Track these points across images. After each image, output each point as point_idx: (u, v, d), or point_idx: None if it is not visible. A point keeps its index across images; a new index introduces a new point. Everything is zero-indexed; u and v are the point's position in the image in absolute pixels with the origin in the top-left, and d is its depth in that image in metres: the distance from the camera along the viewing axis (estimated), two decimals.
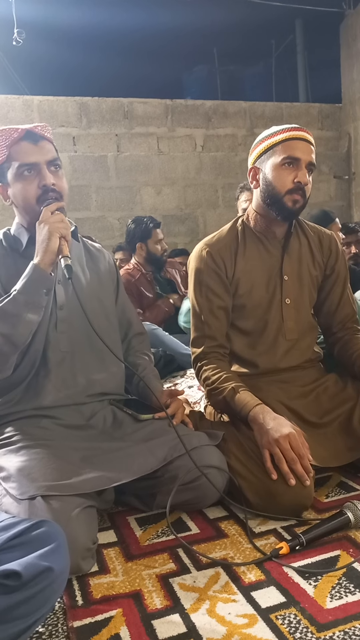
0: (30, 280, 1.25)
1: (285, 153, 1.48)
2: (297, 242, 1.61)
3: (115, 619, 0.98)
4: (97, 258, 1.53)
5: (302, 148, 1.48)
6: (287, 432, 1.29)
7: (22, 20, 4.33)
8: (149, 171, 5.15)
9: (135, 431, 1.38)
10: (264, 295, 1.57)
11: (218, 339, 1.56)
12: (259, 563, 1.11)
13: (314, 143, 1.53)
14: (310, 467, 1.28)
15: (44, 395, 1.36)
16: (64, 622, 0.99)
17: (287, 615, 0.95)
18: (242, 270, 1.56)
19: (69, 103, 4.91)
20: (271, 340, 1.57)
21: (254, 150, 1.58)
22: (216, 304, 1.55)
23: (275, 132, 1.53)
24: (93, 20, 5.63)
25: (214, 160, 5.31)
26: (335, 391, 1.56)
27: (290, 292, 1.58)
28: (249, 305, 1.56)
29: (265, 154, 1.53)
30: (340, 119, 5.81)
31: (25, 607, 0.84)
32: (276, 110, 5.58)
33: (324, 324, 1.68)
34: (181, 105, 5.27)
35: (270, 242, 1.59)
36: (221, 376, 1.48)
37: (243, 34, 6.40)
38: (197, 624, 0.95)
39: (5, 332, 1.23)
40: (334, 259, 1.64)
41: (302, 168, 1.48)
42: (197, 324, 1.58)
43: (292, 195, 1.48)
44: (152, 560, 1.16)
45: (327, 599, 0.98)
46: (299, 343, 1.60)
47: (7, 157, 1.33)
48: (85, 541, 1.11)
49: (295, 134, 1.50)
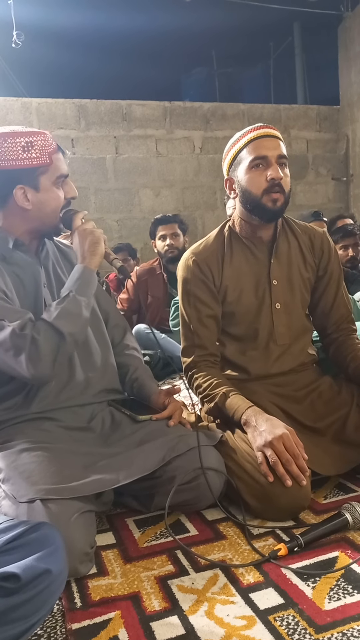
0: (84, 281, 1.32)
1: (251, 155, 1.45)
2: (286, 244, 1.58)
3: (113, 621, 0.98)
4: (69, 255, 1.52)
5: (266, 145, 1.45)
6: (280, 433, 1.29)
7: (20, 22, 4.33)
8: (147, 173, 5.16)
9: (133, 432, 1.38)
10: (253, 301, 1.55)
11: (208, 347, 1.55)
12: (257, 565, 1.11)
13: (279, 136, 1.50)
14: (305, 467, 1.28)
15: (45, 398, 1.36)
16: (62, 624, 0.99)
17: (286, 617, 0.95)
18: (230, 277, 1.54)
19: (68, 105, 4.91)
20: (263, 346, 1.56)
21: (224, 162, 1.56)
22: (205, 313, 1.53)
23: (238, 137, 1.51)
24: (92, 23, 5.64)
25: (213, 162, 5.32)
26: (330, 396, 1.54)
27: (280, 297, 1.55)
28: (238, 312, 1.55)
29: (234, 162, 1.51)
30: (339, 121, 5.82)
31: (24, 609, 0.84)
32: (274, 113, 5.60)
33: (319, 325, 1.66)
34: (179, 107, 5.28)
35: (257, 246, 1.56)
36: (212, 383, 1.48)
37: (241, 37, 6.41)
38: (195, 625, 0.95)
39: (72, 331, 1.27)
40: (327, 259, 1.60)
41: (272, 164, 1.44)
42: (186, 333, 1.57)
43: (269, 195, 1.45)
44: (150, 562, 1.16)
45: (325, 601, 0.98)
46: (291, 348, 1.58)
47: (48, 164, 1.31)
48: (83, 546, 1.11)
49: (257, 132, 1.47)
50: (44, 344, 1.22)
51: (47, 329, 1.24)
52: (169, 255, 3.13)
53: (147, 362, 2.55)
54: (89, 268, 1.34)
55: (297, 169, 5.58)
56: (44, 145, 1.30)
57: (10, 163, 1.28)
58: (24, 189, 1.31)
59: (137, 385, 1.53)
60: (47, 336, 1.23)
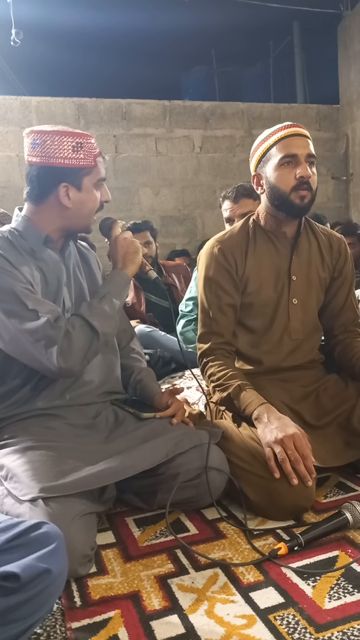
0: (121, 286, 1.38)
1: (281, 152, 1.48)
2: (307, 243, 1.62)
3: (113, 620, 0.98)
4: (87, 259, 1.54)
5: (297, 143, 1.48)
6: (291, 432, 1.30)
7: (19, 20, 4.32)
8: (147, 172, 5.15)
9: (137, 429, 1.38)
10: (271, 294, 1.57)
11: (225, 335, 1.57)
12: (257, 564, 1.11)
13: (308, 135, 1.53)
14: (313, 469, 1.28)
15: (50, 394, 1.37)
16: (62, 623, 0.99)
17: (286, 616, 0.95)
18: (252, 268, 1.57)
19: (67, 104, 4.91)
20: (276, 340, 1.58)
21: (252, 158, 1.59)
22: (225, 301, 1.55)
23: (267, 135, 1.53)
24: (91, 21, 5.63)
25: (212, 161, 5.31)
26: (335, 391, 1.57)
27: (298, 293, 1.58)
28: (256, 303, 1.57)
29: (262, 159, 1.53)
30: (338, 120, 5.82)
31: (24, 609, 0.84)
32: (274, 112, 5.59)
33: (326, 325, 1.69)
34: (179, 106, 5.27)
35: (280, 241, 1.59)
36: (227, 373, 1.49)
37: (241, 36, 6.40)
38: (195, 624, 0.95)
39: (106, 331, 1.31)
40: (343, 262, 1.65)
41: (301, 162, 1.47)
42: (205, 319, 1.59)
43: (297, 192, 1.48)
44: (150, 561, 1.16)
45: (325, 600, 0.98)
46: (303, 344, 1.61)
47: (93, 166, 1.35)
48: (83, 548, 1.10)
49: (288, 131, 1.50)
50: (78, 338, 1.25)
51: (83, 324, 1.28)
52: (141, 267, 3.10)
53: (147, 361, 2.55)
54: (125, 274, 1.39)
55: None
56: (91, 147, 1.34)
57: (59, 161, 1.31)
58: (67, 187, 1.33)
59: (140, 387, 1.54)
60: (82, 331, 1.27)
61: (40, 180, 1.33)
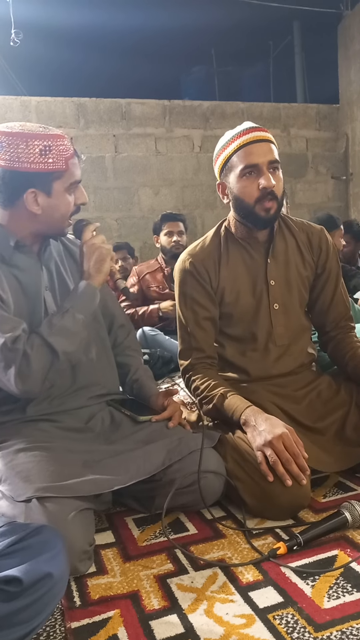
0: (86, 299, 1.29)
1: (242, 163, 1.42)
2: (283, 243, 1.57)
3: (113, 619, 0.98)
4: (75, 253, 1.47)
5: (257, 151, 1.41)
6: (279, 432, 1.28)
7: (19, 20, 4.32)
8: (146, 172, 5.15)
9: (133, 433, 1.37)
10: (250, 302, 1.54)
11: (205, 350, 1.54)
12: (256, 563, 1.11)
13: (271, 138, 1.46)
14: (306, 466, 1.27)
15: (40, 403, 1.35)
16: (61, 623, 0.99)
17: (285, 615, 0.95)
18: (227, 278, 1.53)
19: (67, 104, 4.91)
20: (262, 347, 1.55)
21: (214, 165, 1.54)
22: (201, 315, 1.52)
23: (227, 142, 1.47)
24: (91, 21, 5.63)
25: (212, 161, 5.30)
26: (328, 395, 1.54)
27: (278, 297, 1.54)
28: (236, 313, 1.54)
29: (225, 168, 1.48)
30: (338, 119, 5.82)
31: (26, 613, 0.84)
32: (274, 111, 5.59)
33: (317, 322, 1.65)
34: (179, 106, 5.28)
35: (253, 247, 1.55)
36: (210, 384, 1.47)
37: (241, 35, 6.40)
38: (194, 624, 0.95)
39: (67, 350, 1.24)
40: (325, 257, 1.58)
41: (263, 172, 1.41)
42: (183, 335, 1.56)
43: (262, 204, 1.43)
44: (149, 561, 1.16)
45: (324, 599, 0.98)
46: (290, 348, 1.57)
47: (64, 170, 1.27)
48: (82, 544, 1.11)
49: (247, 137, 1.43)
50: (36, 360, 1.19)
51: (41, 345, 1.20)
52: (174, 251, 3.18)
53: (147, 360, 2.56)
54: (92, 285, 1.31)
55: (297, 168, 5.57)
56: (61, 150, 1.26)
57: (25, 165, 1.23)
58: (35, 193, 1.26)
59: (137, 386, 1.52)
60: (40, 352, 1.20)
61: (7, 184, 1.25)
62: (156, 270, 3.26)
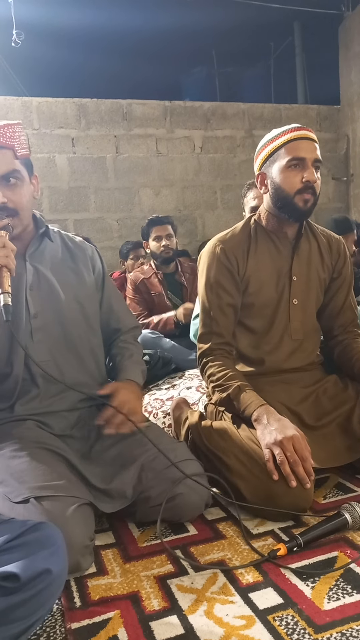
0: None
1: (289, 155, 1.48)
2: (307, 244, 1.62)
3: (113, 620, 0.98)
4: (76, 256, 1.46)
5: (305, 147, 1.49)
6: (291, 434, 1.30)
7: (20, 21, 4.32)
8: (147, 172, 5.15)
9: (113, 444, 1.34)
10: (272, 294, 1.57)
11: (225, 336, 1.57)
12: (256, 564, 1.11)
13: (317, 140, 1.54)
14: (311, 471, 1.28)
15: (36, 401, 1.35)
16: (61, 623, 0.99)
17: (285, 617, 0.95)
18: (253, 268, 1.57)
19: (68, 104, 4.91)
20: (277, 340, 1.58)
21: (258, 156, 1.59)
22: (225, 301, 1.55)
23: (276, 135, 1.53)
24: (92, 22, 5.63)
25: (213, 161, 5.31)
26: (335, 392, 1.57)
27: (298, 293, 1.59)
28: (257, 303, 1.57)
29: (269, 159, 1.53)
30: (339, 120, 5.82)
31: (24, 608, 0.84)
32: (274, 112, 5.59)
33: (326, 326, 1.69)
34: (180, 106, 5.27)
35: (281, 241, 1.59)
36: (227, 374, 1.49)
37: (242, 36, 6.40)
38: (194, 625, 0.95)
39: None
40: (342, 263, 1.66)
41: (308, 167, 1.48)
42: (205, 319, 1.59)
43: (302, 195, 1.48)
44: (150, 562, 1.16)
45: (324, 601, 0.98)
46: (304, 344, 1.61)
47: None
48: (83, 539, 1.11)
49: (297, 134, 1.50)
50: None
51: None
52: (164, 256, 3.10)
53: (147, 361, 2.55)
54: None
55: None
56: None
57: None
58: None
59: (116, 361, 1.49)
60: None
61: None
62: (152, 276, 3.21)
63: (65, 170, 4.87)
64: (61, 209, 4.87)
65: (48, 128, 4.81)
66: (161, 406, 2.25)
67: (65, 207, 4.89)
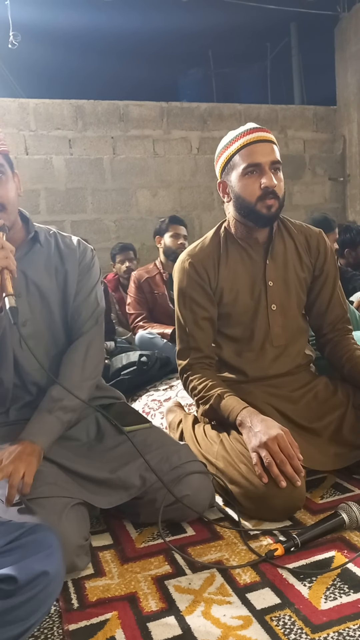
0: None
1: (244, 162, 1.43)
2: (282, 245, 1.57)
3: (110, 621, 0.98)
4: (66, 258, 1.39)
5: (260, 151, 1.43)
6: (274, 433, 1.28)
7: (17, 22, 4.32)
8: (144, 173, 5.16)
9: (115, 446, 1.34)
10: (248, 302, 1.54)
11: (203, 350, 1.54)
12: (253, 565, 1.12)
13: (273, 139, 1.47)
14: (300, 467, 1.27)
15: (26, 410, 1.33)
16: (59, 625, 0.99)
17: (282, 617, 0.95)
18: (226, 278, 1.53)
19: (65, 106, 4.91)
20: (259, 348, 1.55)
21: (216, 164, 1.55)
22: (200, 315, 1.52)
23: (230, 141, 1.48)
24: (89, 24, 5.63)
25: (210, 162, 5.32)
26: (325, 396, 1.54)
27: (276, 298, 1.54)
28: (234, 313, 1.54)
29: (226, 167, 1.49)
30: (335, 121, 5.83)
31: (21, 611, 0.84)
32: (271, 113, 5.60)
33: (315, 325, 1.65)
34: (177, 107, 5.28)
35: (252, 247, 1.55)
36: (207, 384, 1.48)
37: (238, 37, 6.41)
38: (192, 626, 0.95)
39: None
40: (323, 259, 1.59)
41: (266, 171, 1.42)
42: (182, 335, 1.56)
43: (263, 202, 1.43)
44: (147, 563, 1.16)
45: (321, 600, 0.99)
46: (288, 349, 1.57)
47: None
48: (77, 539, 1.11)
49: (250, 137, 1.44)
50: None
51: None
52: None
53: (145, 362, 2.56)
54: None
55: (294, 169, 5.58)
56: None
57: None
58: None
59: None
60: None
61: None
62: (156, 275, 3.27)
63: (63, 172, 4.87)
64: (58, 210, 4.87)
65: (45, 129, 4.81)
66: (159, 407, 2.25)
67: (63, 209, 4.89)
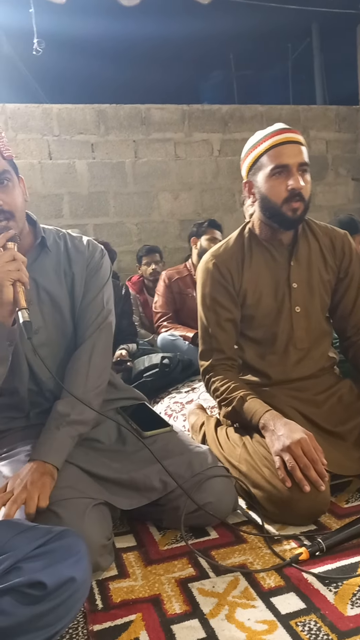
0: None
1: (272, 163, 1.42)
2: (307, 246, 1.56)
3: (134, 623, 0.98)
4: (74, 261, 1.37)
5: (288, 152, 1.41)
6: (298, 437, 1.27)
7: (41, 30, 4.39)
8: (166, 176, 5.17)
9: (137, 451, 1.33)
10: (272, 304, 1.53)
11: (226, 351, 1.54)
12: (278, 569, 1.11)
13: (301, 140, 1.45)
14: (324, 472, 1.26)
15: (46, 415, 1.31)
16: (84, 626, 1.00)
17: (308, 622, 0.94)
18: (249, 280, 1.52)
19: (87, 111, 4.96)
20: (282, 350, 1.54)
21: (243, 164, 1.53)
22: (223, 316, 1.52)
23: (258, 141, 1.47)
24: (110, 30, 5.69)
25: (231, 164, 5.31)
26: (350, 399, 1.52)
27: (300, 300, 1.53)
28: (257, 315, 1.53)
29: (254, 167, 1.48)
30: (358, 120, 5.76)
31: (49, 616, 0.85)
32: (293, 114, 5.56)
33: (338, 327, 1.63)
34: (198, 110, 5.29)
35: (276, 249, 1.54)
36: (229, 386, 1.47)
37: (259, 39, 6.40)
38: (216, 629, 0.95)
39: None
40: (348, 261, 1.57)
41: (293, 173, 1.41)
42: (204, 337, 1.56)
43: (289, 204, 1.42)
44: (171, 565, 1.16)
45: (348, 606, 0.97)
46: (311, 352, 1.56)
47: None
48: (100, 538, 1.12)
49: (278, 138, 1.43)
50: None
51: None
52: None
53: (167, 365, 2.56)
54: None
55: (317, 170, 5.52)
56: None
57: None
58: None
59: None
60: None
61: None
62: (186, 276, 3.32)
63: (85, 176, 4.92)
64: (81, 214, 4.92)
65: (68, 134, 4.87)
66: (181, 409, 2.25)
67: (85, 212, 4.94)
